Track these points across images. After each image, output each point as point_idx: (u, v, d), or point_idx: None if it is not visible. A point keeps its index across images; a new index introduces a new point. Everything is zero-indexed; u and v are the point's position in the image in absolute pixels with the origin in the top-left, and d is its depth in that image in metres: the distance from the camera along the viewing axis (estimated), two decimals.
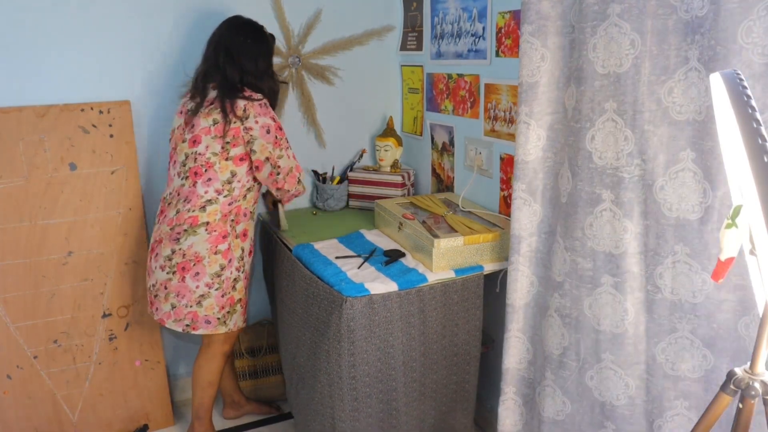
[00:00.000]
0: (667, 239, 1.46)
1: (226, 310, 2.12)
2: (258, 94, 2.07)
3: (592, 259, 1.61)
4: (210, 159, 2.02)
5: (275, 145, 2.06)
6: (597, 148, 1.54)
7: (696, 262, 1.42)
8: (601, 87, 1.50)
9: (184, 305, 2.07)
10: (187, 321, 2.08)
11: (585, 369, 1.68)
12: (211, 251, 2.05)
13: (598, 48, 1.48)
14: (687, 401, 1.52)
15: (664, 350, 1.53)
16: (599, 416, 1.69)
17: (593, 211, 1.57)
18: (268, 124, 2.04)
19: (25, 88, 2.21)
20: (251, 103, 2.02)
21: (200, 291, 2.06)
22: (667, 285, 1.49)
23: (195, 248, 2.03)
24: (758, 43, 1.23)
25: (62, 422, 2.37)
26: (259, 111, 2.03)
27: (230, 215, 2.08)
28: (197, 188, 2.04)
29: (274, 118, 2.07)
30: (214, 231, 2.05)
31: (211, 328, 2.11)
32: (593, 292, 1.62)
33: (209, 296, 2.07)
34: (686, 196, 1.41)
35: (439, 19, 2.50)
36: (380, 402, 1.95)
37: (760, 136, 0.88)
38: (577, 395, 1.73)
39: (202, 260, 2.04)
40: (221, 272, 2.07)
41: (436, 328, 1.96)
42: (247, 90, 2.07)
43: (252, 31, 2.16)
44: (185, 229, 2.03)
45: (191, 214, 2.03)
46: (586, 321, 1.66)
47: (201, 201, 2.04)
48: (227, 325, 2.14)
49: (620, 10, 1.43)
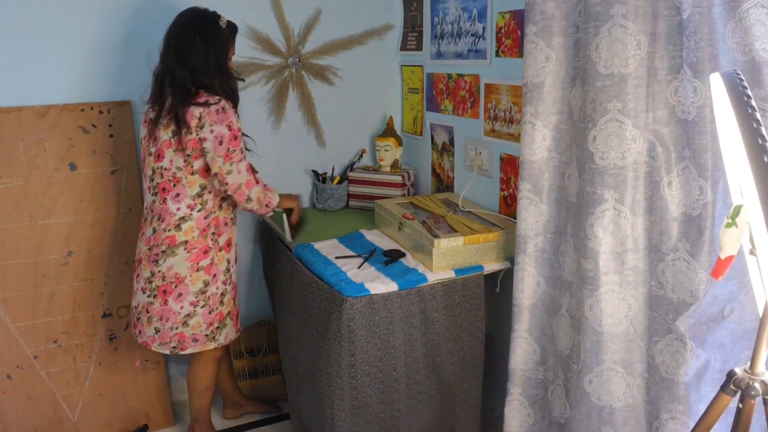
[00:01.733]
0: (671, 236, 1.47)
1: (215, 326, 2.07)
2: (215, 97, 1.91)
3: (593, 260, 1.61)
4: (176, 174, 1.94)
5: (225, 159, 1.90)
6: (599, 148, 1.54)
7: (696, 261, 1.43)
8: (604, 87, 1.50)
9: (169, 328, 2.02)
10: (174, 343, 2.04)
11: (584, 373, 1.68)
12: (193, 269, 1.99)
13: (601, 48, 1.49)
14: (681, 405, 1.52)
15: (661, 351, 1.53)
16: (596, 422, 1.68)
17: (595, 212, 1.58)
18: (222, 134, 1.89)
19: (25, 88, 2.20)
20: (207, 109, 1.88)
21: (185, 311, 2.01)
22: (668, 282, 1.50)
23: (175, 269, 1.98)
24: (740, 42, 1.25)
25: (62, 422, 2.37)
26: (215, 118, 1.88)
27: (210, 228, 2.00)
28: (168, 205, 1.96)
29: (231, 125, 1.90)
30: (194, 248, 1.98)
31: (199, 345, 2.06)
32: (594, 293, 1.62)
33: (195, 315, 2.02)
34: (690, 193, 1.42)
35: (439, 19, 2.50)
36: (381, 403, 1.94)
37: (760, 136, 0.88)
38: (576, 400, 1.72)
39: (183, 280, 1.98)
40: (206, 289, 2.02)
41: (439, 329, 1.95)
42: (203, 93, 1.91)
43: (201, 25, 1.97)
44: (163, 250, 1.97)
45: (168, 234, 1.96)
46: (587, 323, 1.66)
47: (174, 219, 1.96)
48: (216, 340, 2.09)
49: (625, 10, 1.43)
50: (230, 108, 1.93)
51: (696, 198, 1.41)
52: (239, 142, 1.93)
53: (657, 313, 1.54)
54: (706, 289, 1.43)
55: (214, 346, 2.09)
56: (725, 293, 1.43)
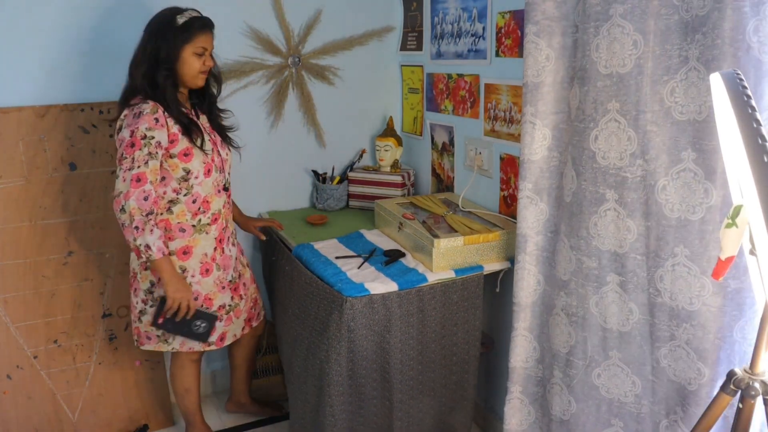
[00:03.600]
0: (668, 241, 1.46)
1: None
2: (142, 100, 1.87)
3: (597, 258, 1.61)
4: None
5: (118, 163, 1.84)
6: (600, 147, 1.54)
7: (696, 265, 1.42)
8: (604, 87, 1.50)
9: (133, 320, 2.07)
10: (135, 336, 2.07)
11: (592, 367, 1.69)
12: (142, 267, 1.99)
13: (601, 48, 1.49)
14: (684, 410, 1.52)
15: (665, 356, 1.53)
16: (606, 414, 1.69)
17: (597, 211, 1.58)
18: (122, 139, 1.84)
19: (25, 88, 2.20)
20: (130, 111, 1.86)
21: (139, 307, 2.03)
22: (666, 289, 1.49)
23: (132, 264, 2.04)
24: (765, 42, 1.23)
25: (62, 422, 2.37)
26: (128, 122, 1.85)
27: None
28: None
29: (134, 131, 1.83)
30: None
31: (152, 344, 2.06)
32: (599, 290, 1.62)
33: (146, 313, 2.02)
34: (687, 197, 1.41)
35: (439, 19, 2.50)
36: (379, 402, 1.95)
37: (760, 136, 0.88)
38: (583, 394, 1.73)
39: (136, 276, 2.02)
40: (152, 289, 2.00)
41: (434, 328, 1.96)
42: (140, 97, 1.89)
43: (155, 20, 1.93)
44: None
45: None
46: (593, 319, 1.66)
47: None
48: (170, 344, 2.04)
49: (623, 10, 1.43)
50: (151, 113, 1.84)
51: (700, 201, 1.40)
52: (135, 149, 1.82)
53: (657, 319, 1.54)
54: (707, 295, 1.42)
55: (168, 349, 2.06)
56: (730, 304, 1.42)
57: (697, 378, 1.46)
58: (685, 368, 1.49)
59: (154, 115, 1.85)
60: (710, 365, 1.43)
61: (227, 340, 2.14)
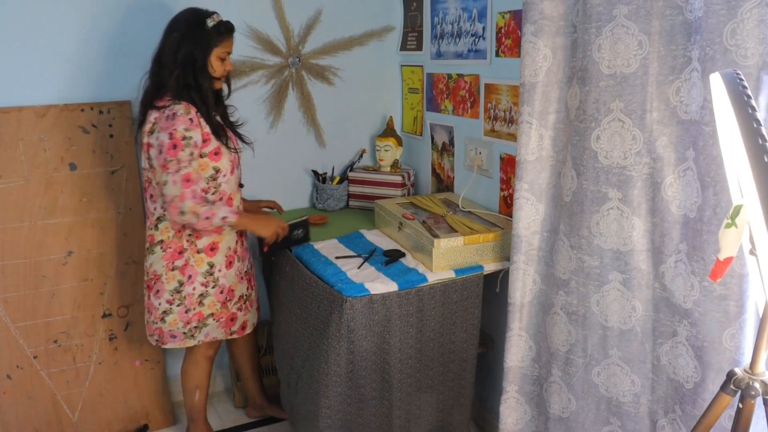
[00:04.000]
0: (673, 237, 1.47)
1: (192, 325, 2.06)
2: (172, 102, 1.88)
3: (599, 257, 1.61)
4: (148, 175, 1.97)
5: (163, 169, 1.85)
6: (603, 147, 1.54)
7: (695, 264, 1.43)
8: (607, 87, 1.50)
9: (152, 321, 2.06)
10: (156, 336, 2.08)
11: (592, 365, 1.69)
12: (168, 268, 2.00)
13: (604, 48, 1.49)
14: (681, 408, 1.52)
15: (666, 353, 1.53)
16: (605, 412, 1.70)
17: (600, 210, 1.58)
18: (162, 143, 1.85)
19: (25, 88, 2.20)
20: (161, 114, 1.87)
21: (162, 308, 2.03)
22: (668, 285, 1.50)
23: (153, 267, 2.02)
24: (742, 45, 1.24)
25: (62, 422, 2.37)
26: (163, 125, 1.86)
27: (185, 230, 1.98)
28: (148, 204, 2.02)
29: (173, 133, 1.84)
30: (169, 248, 1.99)
31: (177, 342, 2.08)
32: (600, 289, 1.63)
33: (171, 312, 2.04)
34: (690, 195, 1.42)
35: (439, 19, 2.50)
36: (379, 401, 1.95)
37: (760, 136, 0.88)
38: (582, 392, 1.73)
39: (160, 278, 2.01)
40: (181, 288, 2.02)
41: (433, 327, 1.96)
42: (168, 95, 1.89)
43: (184, 22, 1.94)
44: (147, 248, 2.03)
45: (150, 232, 2.02)
46: (594, 317, 1.67)
47: (153, 218, 2.00)
48: (195, 337, 2.09)
49: (627, 11, 1.43)
50: (184, 114, 1.86)
51: (695, 200, 1.40)
52: (178, 151, 1.84)
53: (662, 315, 1.54)
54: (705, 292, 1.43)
55: (194, 343, 2.10)
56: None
57: (693, 376, 1.46)
58: (684, 366, 1.49)
59: (188, 116, 1.87)
60: (704, 364, 1.43)
61: (248, 329, 2.22)
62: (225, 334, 2.14)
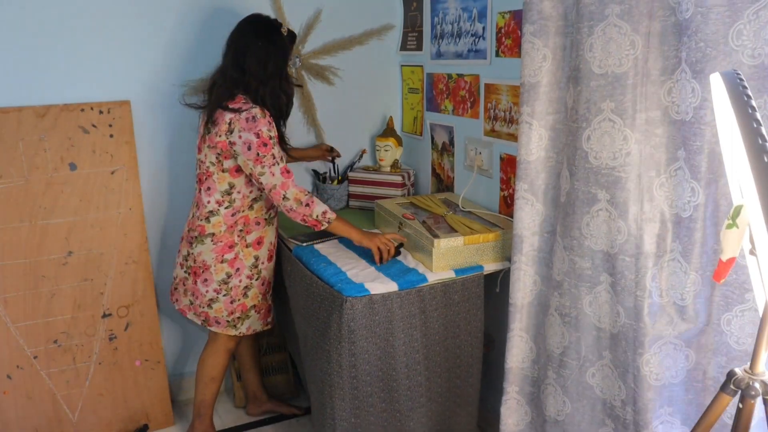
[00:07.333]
0: (664, 239, 1.47)
1: (236, 315, 2.17)
2: (248, 105, 1.96)
3: (590, 258, 1.61)
4: (209, 168, 2.05)
5: (255, 162, 1.96)
6: (593, 147, 1.54)
7: (687, 262, 1.43)
8: (598, 87, 1.50)
9: (198, 305, 2.16)
10: (203, 317, 2.18)
11: (586, 367, 1.69)
12: (217, 260, 2.10)
13: (595, 48, 1.48)
14: (670, 407, 1.52)
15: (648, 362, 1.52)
16: (600, 414, 1.69)
17: (590, 211, 1.58)
18: (250, 141, 1.94)
19: (25, 88, 2.20)
20: (237, 116, 1.95)
21: (209, 295, 2.14)
22: (658, 287, 1.49)
23: (203, 256, 2.10)
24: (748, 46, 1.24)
25: (62, 422, 2.37)
26: (243, 126, 1.94)
27: (237, 226, 2.09)
28: (202, 196, 2.09)
29: (260, 133, 1.94)
30: (220, 242, 2.09)
31: (221, 328, 2.18)
32: (593, 290, 1.62)
33: (218, 301, 2.14)
34: (681, 195, 1.42)
35: (439, 19, 2.50)
36: (382, 402, 1.94)
37: (760, 136, 0.88)
38: (577, 394, 1.73)
39: (209, 268, 2.11)
40: (228, 280, 2.12)
41: (438, 329, 1.95)
42: (242, 98, 1.99)
43: (265, 31, 2.05)
44: (196, 236, 2.11)
45: (200, 222, 2.10)
46: (587, 319, 1.66)
47: (205, 211, 2.08)
48: (237, 328, 2.19)
49: (620, 10, 1.43)
50: (263, 117, 1.96)
51: (687, 200, 1.40)
52: (269, 148, 1.96)
53: (649, 318, 1.53)
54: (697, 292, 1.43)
55: (235, 333, 2.20)
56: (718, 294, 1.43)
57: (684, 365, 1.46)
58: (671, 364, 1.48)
59: (266, 119, 1.97)
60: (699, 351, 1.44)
61: (273, 321, 2.34)
62: (263, 325, 2.26)
